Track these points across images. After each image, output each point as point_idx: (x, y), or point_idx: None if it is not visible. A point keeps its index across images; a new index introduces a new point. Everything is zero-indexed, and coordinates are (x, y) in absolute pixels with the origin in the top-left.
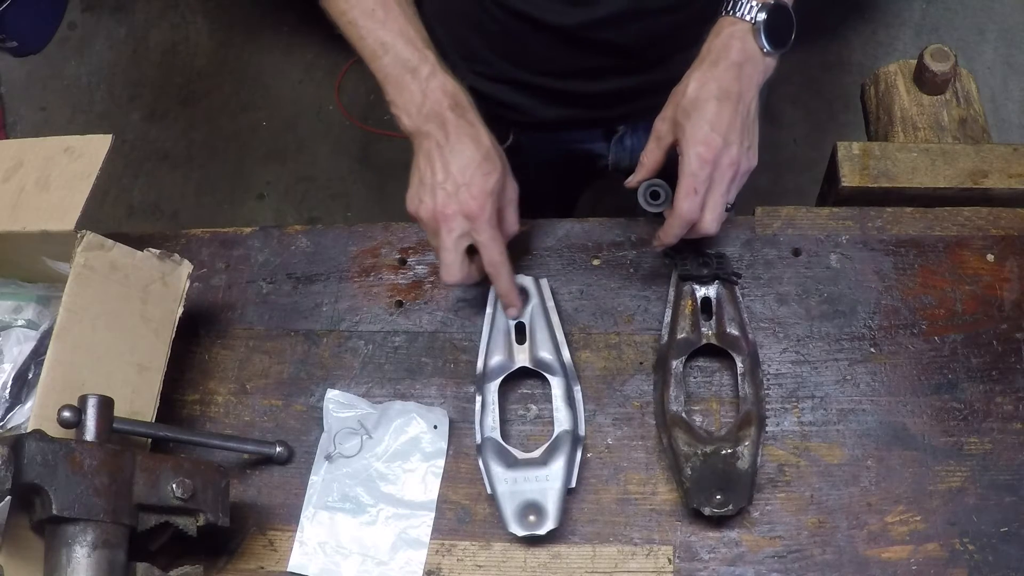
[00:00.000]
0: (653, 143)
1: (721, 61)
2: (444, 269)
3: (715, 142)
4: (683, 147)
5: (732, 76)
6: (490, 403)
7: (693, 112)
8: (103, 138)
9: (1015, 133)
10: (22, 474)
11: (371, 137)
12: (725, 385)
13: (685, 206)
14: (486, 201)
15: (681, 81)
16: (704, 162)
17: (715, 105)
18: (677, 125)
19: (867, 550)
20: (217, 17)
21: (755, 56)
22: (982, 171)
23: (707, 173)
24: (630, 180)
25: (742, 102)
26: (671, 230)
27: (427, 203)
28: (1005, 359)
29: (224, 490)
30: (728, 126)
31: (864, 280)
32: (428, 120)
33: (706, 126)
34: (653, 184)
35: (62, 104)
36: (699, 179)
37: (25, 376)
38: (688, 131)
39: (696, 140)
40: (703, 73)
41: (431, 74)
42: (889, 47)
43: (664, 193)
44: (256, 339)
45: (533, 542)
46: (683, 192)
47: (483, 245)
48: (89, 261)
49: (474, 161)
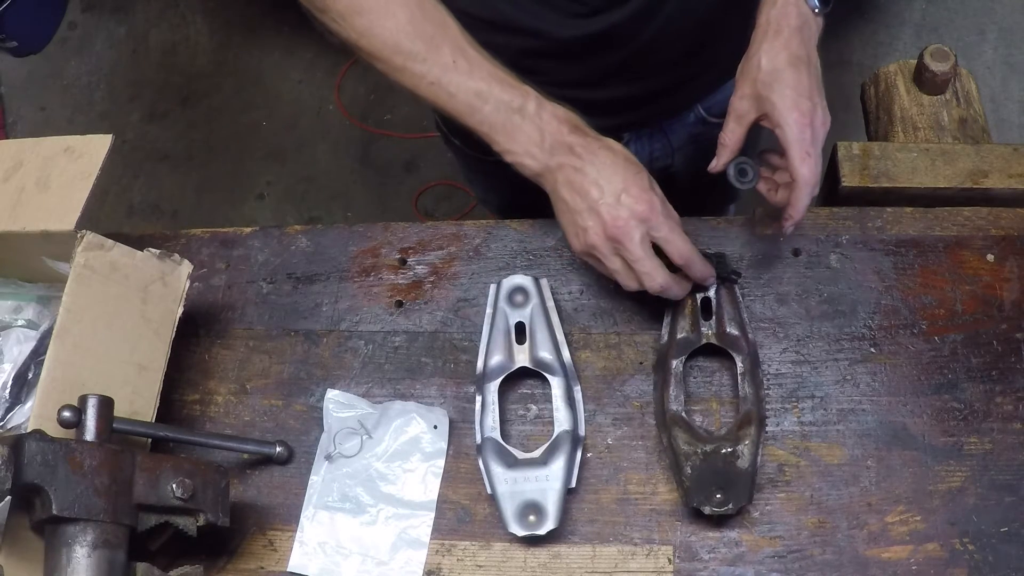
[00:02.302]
0: (734, 123)
1: (784, 28)
2: (647, 277)
3: (805, 106)
4: (777, 118)
5: (797, 41)
6: (490, 403)
7: (775, 83)
8: (103, 138)
9: (1015, 133)
10: (22, 474)
11: (371, 137)
12: (725, 385)
13: (805, 171)
14: (651, 197)
15: (748, 57)
16: (804, 126)
17: (792, 72)
18: (761, 99)
19: (867, 550)
20: (217, 17)
21: (809, 18)
22: (982, 171)
23: (810, 135)
24: (715, 165)
25: (811, 64)
26: (802, 200)
27: (593, 226)
28: (1005, 359)
29: (224, 490)
30: (810, 88)
31: (864, 280)
32: (555, 153)
33: (792, 93)
34: (741, 162)
35: (62, 104)
36: (807, 142)
37: (25, 376)
38: (777, 102)
39: (788, 108)
40: (771, 44)
41: (539, 107)
42: (889, 47)
43: (752, 170)
44: (256, 339)
45: (533, 542)
46: (798, 159)
47: (667, 240)
48: (89, 261)
49: (620, 166)
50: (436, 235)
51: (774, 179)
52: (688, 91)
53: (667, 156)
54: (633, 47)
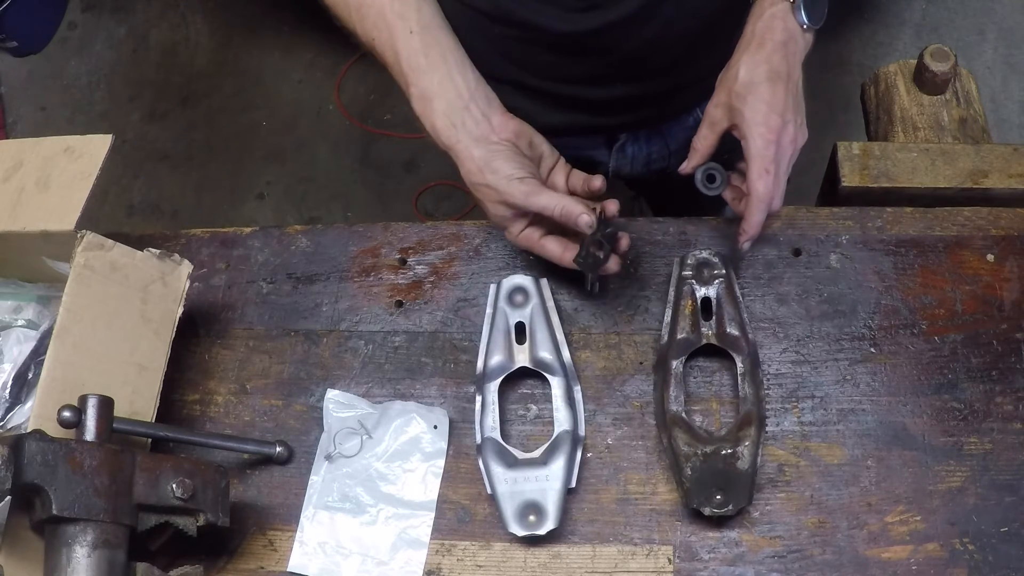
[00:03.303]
0: (707, 129)
1: (767, 42)
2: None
3: (775, 122)
4: (745, 130)
5: (780, 56)
6: (490, 403)
7: (749, 96)
8: (103, 138)
9: (1015, 133)
10: (22, 474)
11: (371, 137)
12: (725, 385)
13: (761, 187)
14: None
15: (728, 67)
16: (769, 142)
17: (768, 86)
18: (733, 110)
19: (867, 550)
20: (217, 17)
21: (796, 34)
22: (982, 171)
23: (773, 152)
24: (684, 167)
25: (791, 80)
26: (754, 216)
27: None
28: (1005, 359)
29: (224, 490)
30: (783, 105)
31: (864, 280)
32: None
33: (764, 107)
34: (710, 168)
35: (62, 104)
36: (768, 159)
37: (25, 376)
38: (747, 115)
39: (757, 122)
40: (752, 56)
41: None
42: (889, 47)
43: (720, 176)
44: (256, 339)
45: (533, 542)
46: (756, 174)
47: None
48: (89, 261)
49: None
50: (436, 235)
51: (741, 189)
52: (687, 95)
53: (664, 158)
54: (630, 48)
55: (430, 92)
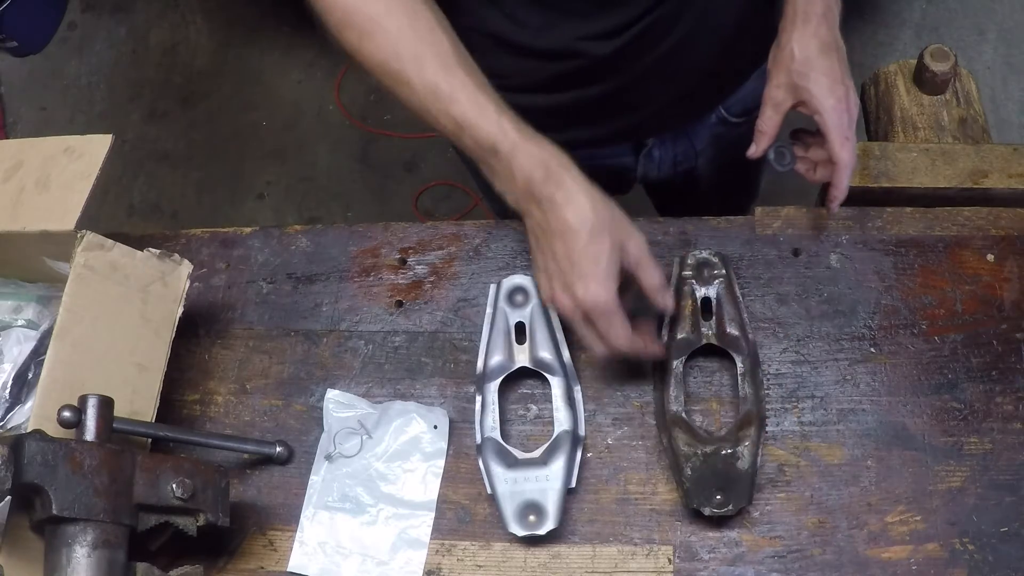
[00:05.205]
0: (771, 110)
1: (812, 17)
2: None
3: (840, 91)
4: (816, 106)
5: (825, 28)
6: (490, 403)
7: (810, 72)
8: (103, 138)
9: (1015, 133)
10: (22, 474)
11: (371, 137)
12: (725, 385)
13: (845, 155)
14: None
15: (779, 46)
16: (841, 112)
17: (825, 59)
18: (797, 88)
19: (867, 550)
20: (217, 17)
21: (832, 3)
22: (982, 171)
23: (847, 120)
24: (754, 151)
25: (839, 48)
26: (843, 182)
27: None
28: (1005, 359)
29: (224, 490)
30: (841, 73)
31: (864, 280)
32: (525, 200)
33: (827, 80)
34: (779, 146)
35: (62, 104)
36: (844, 126)
37: (25, 376)
38: (814, 90)
39: (825, 95)
40: (800, 32)
41: (512, 149)
42: (889, 47)
43: (789, 153)
44: (256, 339)
45: (533, 542)
46: (839, 144)
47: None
48: (89, 261)
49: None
50: (436, 235)
51: (809, 158)
52: (711, 93)
53: (690, 159)
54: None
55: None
